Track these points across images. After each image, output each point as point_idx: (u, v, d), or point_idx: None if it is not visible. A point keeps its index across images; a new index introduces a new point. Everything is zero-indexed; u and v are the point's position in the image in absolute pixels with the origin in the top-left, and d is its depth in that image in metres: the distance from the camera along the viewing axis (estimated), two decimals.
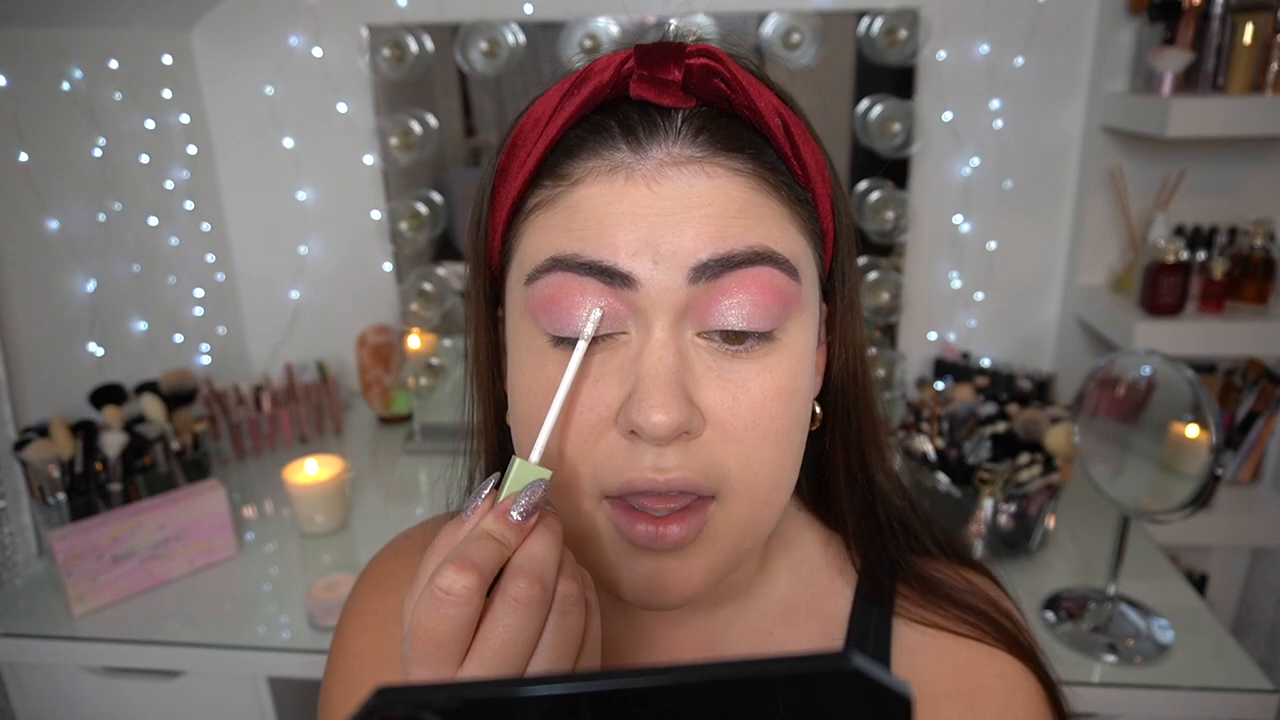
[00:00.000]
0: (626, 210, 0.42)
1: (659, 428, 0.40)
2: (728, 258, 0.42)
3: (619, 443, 0.43)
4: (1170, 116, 1.39)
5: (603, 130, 0.44)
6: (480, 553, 0.37)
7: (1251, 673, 1.15)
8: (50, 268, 1.49)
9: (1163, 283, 1.51)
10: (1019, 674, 0.54)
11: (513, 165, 0.46)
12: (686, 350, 0.43)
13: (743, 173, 0.44)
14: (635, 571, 0.44)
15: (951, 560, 0.58)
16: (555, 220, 0.44)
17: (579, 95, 0.44)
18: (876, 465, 0.56)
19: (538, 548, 0.38)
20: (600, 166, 0.43)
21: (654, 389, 0.41)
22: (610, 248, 0.42)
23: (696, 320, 0.43)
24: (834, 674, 0.23)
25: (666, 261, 0.41)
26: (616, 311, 0.42)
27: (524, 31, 1.66)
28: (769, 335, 0.44)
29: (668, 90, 0.44)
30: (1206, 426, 1.09)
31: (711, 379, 0.43)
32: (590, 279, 0.42)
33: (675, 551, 0.44)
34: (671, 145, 0.43)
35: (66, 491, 1.36)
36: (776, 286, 0.43)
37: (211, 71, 1.79)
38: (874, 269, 1.76)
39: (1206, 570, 1.86)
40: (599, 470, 0.43)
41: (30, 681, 1.31)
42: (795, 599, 0.56)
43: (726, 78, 0.44)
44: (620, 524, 0.44)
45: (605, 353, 0.43)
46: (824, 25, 1.62)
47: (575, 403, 0.43)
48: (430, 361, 1.79)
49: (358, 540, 1.48)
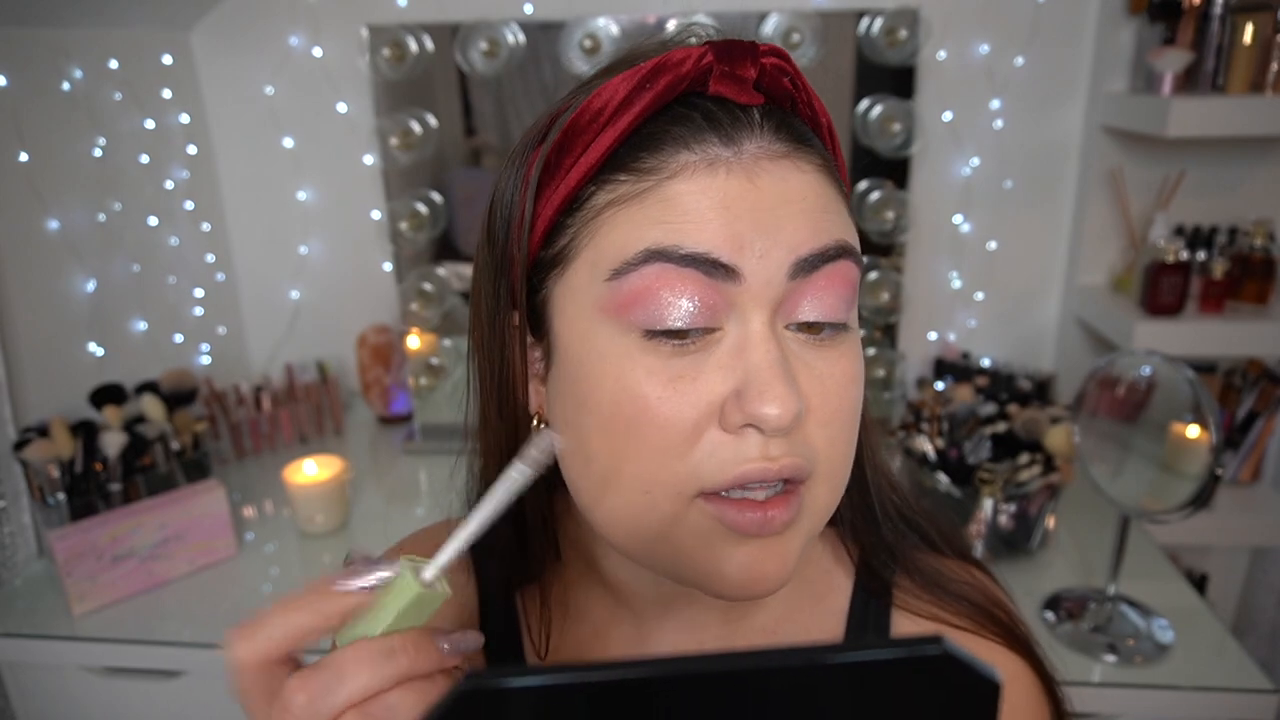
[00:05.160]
0: (728, 204, 0.42)
1: (784, 418, 0.41)
2: (823, 252, 0.43)
3: (723, 438, 0.42)
4: (1170, 116, 1.38)
5: (688, 122, 0.43)
6: (350, 689, 0.35)
7: (1251, 673, 1.15)
8: (50, 268, 1.49)
9: (1163, 283, 1.51)
10: (1016, 666, 0.54)
11: (565, 160, 0.45)
12: (781, 342, 0.43)
13: (821, 168, 0.45)
14: (738, 561, 0.44)
15: (947, 554, 0.58)
16: (645, 214, 0.42)
17: (654, 88, 0.43)
18: (868, 458, 0.56)
19: (347, 664, 0.35)
20: (696, 160, 0.42)
21: (773, 380, 0.41)
22: (713, 240, 0.41)
23: (786, 313, 0.43)
24: (921, 660, 0.23)
25: (770, 256, 0.42)
26: (714, 306, 0.42)
27: (524, 31, 1.66)
28: (843, 325, 0.45)
29: (745, 87, 0.44)
30: (1206, 426, 1.09)
31: (802, 368, 0.44)
32: (691, 270, 0.41)
33: (774, 535, 0.44)
34: (760, 139, 0.43)
35: (66, 491, 1.36)
36: (852, 279, 0.45)
37: (211, 71, 1.79)
38: (874, 269, 1.76)
39: (1206, 570, 1.86)
40: (699, 467, 0.43)
41: (30, 681, 1.31)
42: (798, 594, 0.56)
43: (793, 76, 0.46)
44: (727, 516, 0.43)
45: (701, 350, 0.43)
46: (824, 25, 1.62)
47: (671, 402, 0.42)
48: (430, 361, 1.79)
49: (358, 540, 1.48)
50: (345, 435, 1.88)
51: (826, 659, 0.23)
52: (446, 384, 1.79)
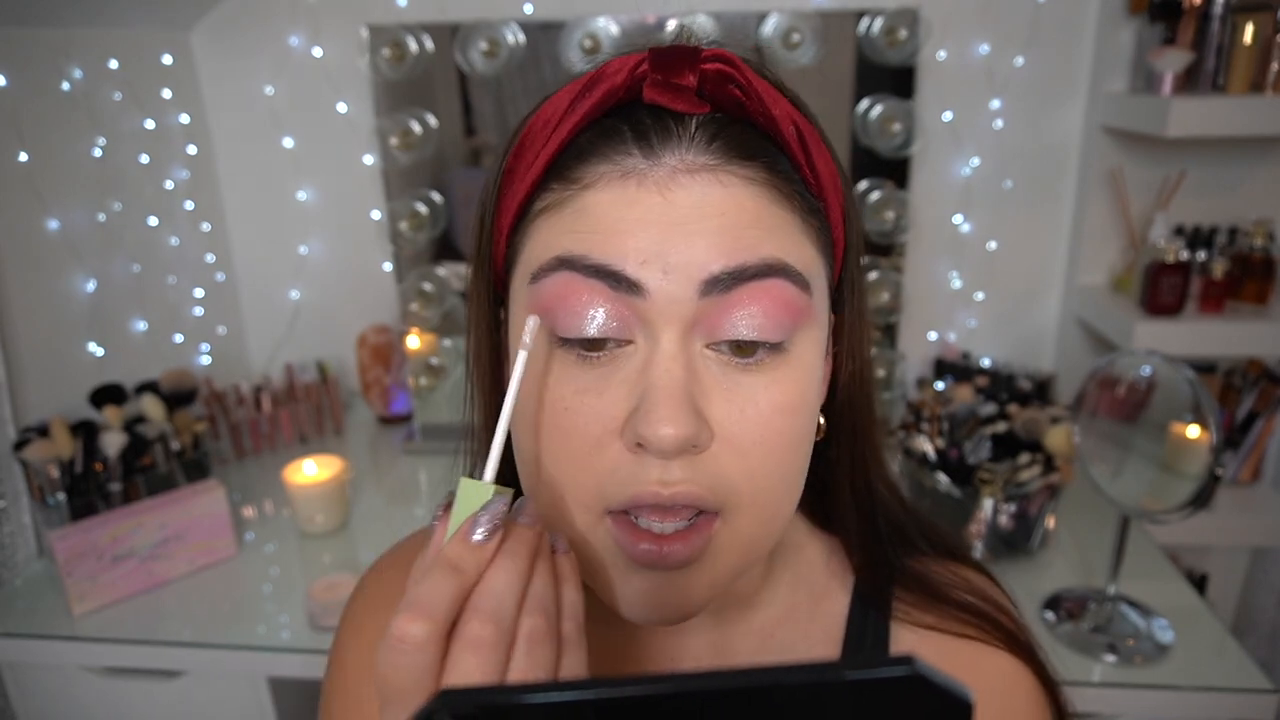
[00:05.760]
0: (638, 217, 0.41)
1: (667, 440, 0.39)
2: (740, 270, 0.41)
3: (624, 456, 0.42)
4: (1170, 116, 1.38)
5: (614, 134, 0.43)
6: (434, 594, 0.36)
7: (1251, 673, 1.15)
8: (50, 268, 1.49)
9: (1163, 283, 1.51)
10: (1018, 672, 0.54)
11: (519, 166, 0.45)
12: (695, 362, 0.42)
13: (756, 182, 0.43)
14: (635, 588, 0.44)
15: (948, 559, 0.58)
16: (563, 223, 0.43)
17: (590, 98, 0.43)
18: (877, 474, 0.55)
19: (497, 583, 0.37)
20: (611, 171, 0.42)
21: (662, 401, 0.40)
22: (620, 253, 0.41)
23: (706, 331, 0.42)
24: (891, 680, 0.23)
25: (678, 272, 0.41)
26: (623, 319, 0.41)
27: (524, 31, 1.66)
28: (779, 348, 0.43)
29: (682, 95, 0.43)
30: (1206, 426, 1.09)
31: (720, 392, 0.42)
32: (598, 281, 0.41)
33: (674, 570, 0.43)
34: (685, 152, 0.42)
35: (66, 491, 1.36)
36: (788, 299, 0.42)
37: (211, 71, 1.79)
38: (874, 269, 1.76)
39: (1206, 570, 1.86)
40: (602, 484, 0.42)
41: (30, 681, 1.31)
42: (795, 603, 0.56)
43: (741, 84, 0.43)
44: (622, 541, 0.43)
45: (610, 364, 0.42)
46: (824, 25, 1.62)
47: (578, 414, 0.42)
48: (430, 361, 1.79)
49: (358, 540, 1.48)
50: (345, 435, 1.88)
51: (792, 679, 0.23)
52: (446, 384, 1.79)
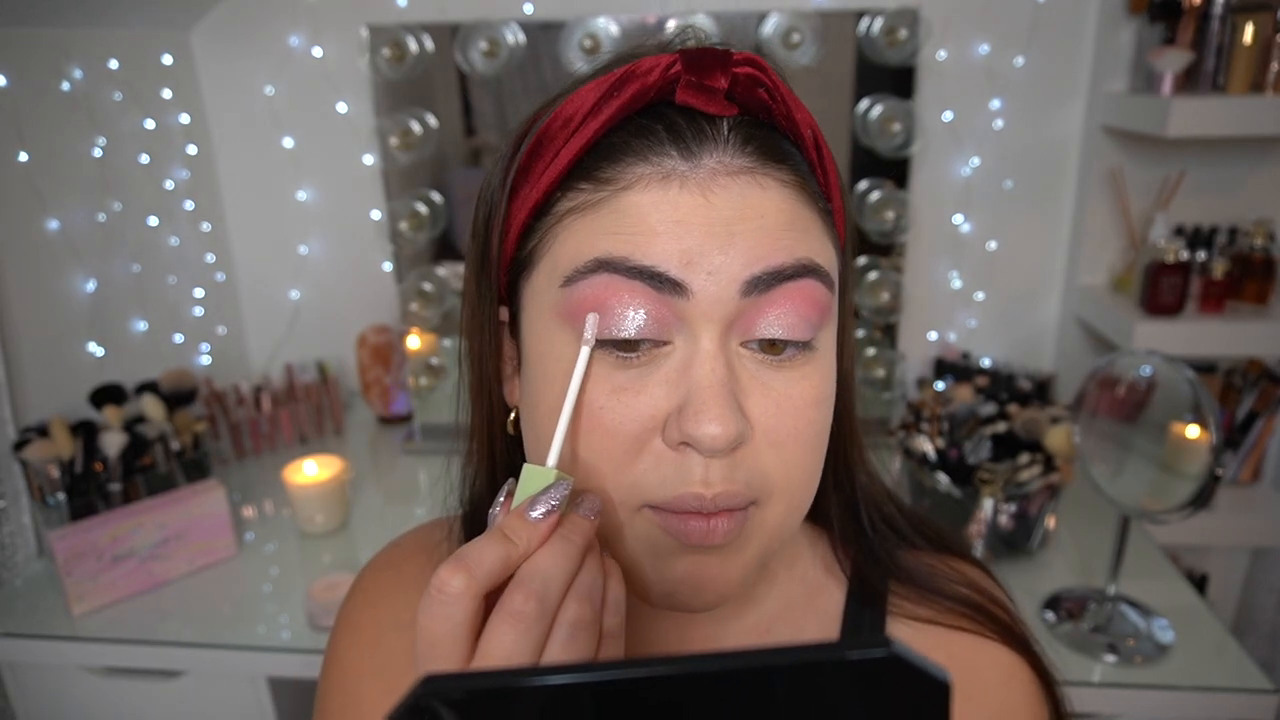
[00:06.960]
0: (680, 219, 0.41)
1: (718, 440, 0.40)
2: (779, 271, 0.42)
3: (664, 454, 0.42)
4: (1170, 116, 1.38)
5: (649, 134, 0.43)
6: (480, 553, 0.37)
7: (1251, 673, 1.15)
8: (50, 268, 1.49)
9: (1163, 283, 1.51)
10: (1014, 664, 0.54)
11: (537, 165, 0.45)
12: (732, 360, 0.43)
13: (789, 184, 0.44)
14: (675, 571, 0.44)
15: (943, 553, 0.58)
16: (599, 224, 0.42)
17: (620, 97, 0.43)
18: (859, 465, 0.56)
19: (546, 562, 0.38)
20: (651, 173, 0.42)
21: (711, 401, 0.40)
22: (663, 255, 0.41)
23: (741, 330, 0.42)
24: (869, 662, 0.23)
25: (721, 273, 0.41)
26: (663, 320, 0.42)
27: (524, 31, 1.66)
28: (808, 345, 0.44)
29: (714, 98, 0.43)
30: (1206, 426, 1.09)
31: (756, 388, 0.43)
32: (639, 282, 0.41)
33: (716, 550, 0.44)
34: (723, 154, 0.42)
35: (66, 491, 1.36)
36: (818, 298, 0.43)
37: (211, 71, 1.79)
38: (874, 269, 1.76)
39: (1206, 570, 1.86)
40: (641, 482, 0.43)
41: (30, 681, 1.31)
42: (791, 596, 0.56)
43: (769, 88, 0.44)
44: (670, 525, 0.43)
45: (648, 364, 0.42)
46: (824, 25, 1.62)
47: (615, 412, 0.42)
48: (430, 361, 1.79)
49: (358, 540, 1.48)
50: (345, 435, 1.88)
51: (774, 661, 0.23)
52: (446, 384, 1.80)
